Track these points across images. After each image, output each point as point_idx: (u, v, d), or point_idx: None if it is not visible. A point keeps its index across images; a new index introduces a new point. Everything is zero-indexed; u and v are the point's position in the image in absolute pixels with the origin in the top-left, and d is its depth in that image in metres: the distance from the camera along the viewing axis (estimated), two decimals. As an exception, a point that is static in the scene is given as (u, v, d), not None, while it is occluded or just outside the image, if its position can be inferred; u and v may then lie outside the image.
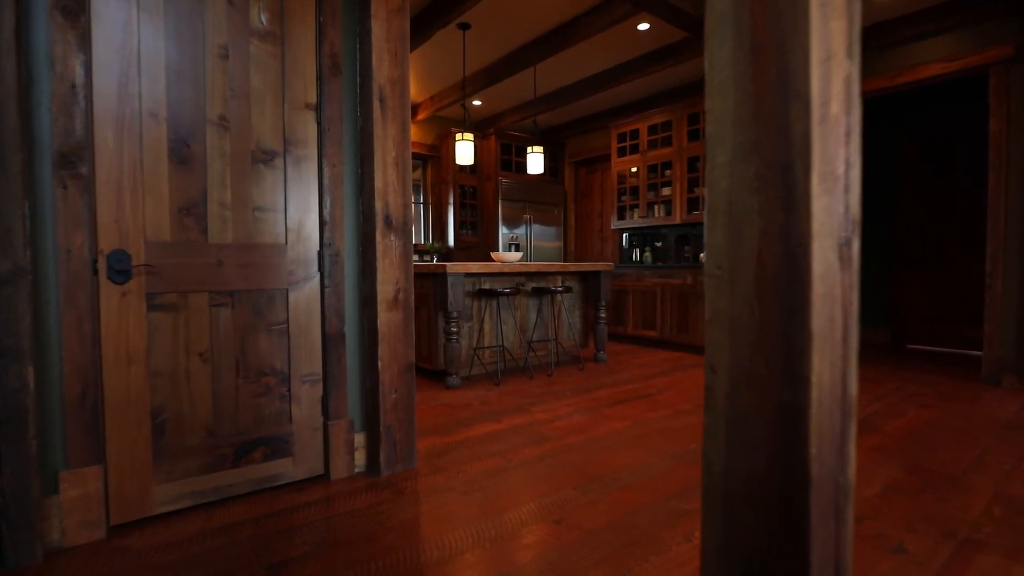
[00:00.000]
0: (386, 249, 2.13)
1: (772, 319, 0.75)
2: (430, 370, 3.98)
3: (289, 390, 2.04)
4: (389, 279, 2.13)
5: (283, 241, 2.02)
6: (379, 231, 2.11)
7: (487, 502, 1.92)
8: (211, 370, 1.87)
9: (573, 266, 4.36)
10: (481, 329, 4.07)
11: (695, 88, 5.56)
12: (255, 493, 1.98)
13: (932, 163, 5.33)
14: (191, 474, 1.84)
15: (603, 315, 4.62)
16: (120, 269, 1.68)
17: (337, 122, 2.11)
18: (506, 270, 3.90)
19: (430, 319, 3.90)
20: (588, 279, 4.75)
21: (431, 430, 2.76)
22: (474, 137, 6.70)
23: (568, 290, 4.19)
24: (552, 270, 4.21)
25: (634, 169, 5.98)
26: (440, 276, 3.66)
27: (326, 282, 2.10)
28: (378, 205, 2.10)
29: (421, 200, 6.90)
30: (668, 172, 5.62)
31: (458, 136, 4.65)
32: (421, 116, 6.35)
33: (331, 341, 2.11)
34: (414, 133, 6.62)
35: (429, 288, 3.88)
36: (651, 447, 2.49)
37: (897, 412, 3.01)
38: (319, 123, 2.09)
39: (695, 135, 5.39)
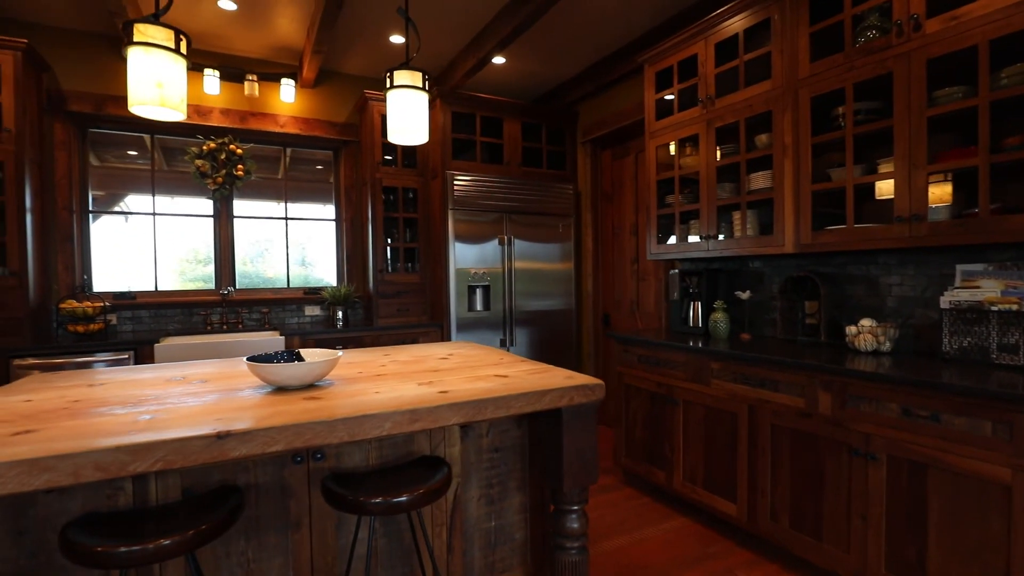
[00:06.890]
0: None
1: None
2: None
3: None
4: None
5: None
6: None
7: None
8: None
9: (493, 390, 1.40)
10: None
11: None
12: None
13: None
14: None
15: (577, 524, 1.66)
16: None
17: None
18: (227, 455, 1.06)
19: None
20: (543, 420, 1.84)
21: None
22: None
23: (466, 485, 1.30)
24: (431, 424, 1.30)
25: (681, 158, 2.95)
26: None
27: None
28: None
29: (333, 216, 4.24)
30: (762, 138, 2.55)
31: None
32: (310, 73, 3.71)
33: None
34: (308, 103, 3.97)
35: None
36: None
37: None
38: None
39: (831, 41, 2.29)
